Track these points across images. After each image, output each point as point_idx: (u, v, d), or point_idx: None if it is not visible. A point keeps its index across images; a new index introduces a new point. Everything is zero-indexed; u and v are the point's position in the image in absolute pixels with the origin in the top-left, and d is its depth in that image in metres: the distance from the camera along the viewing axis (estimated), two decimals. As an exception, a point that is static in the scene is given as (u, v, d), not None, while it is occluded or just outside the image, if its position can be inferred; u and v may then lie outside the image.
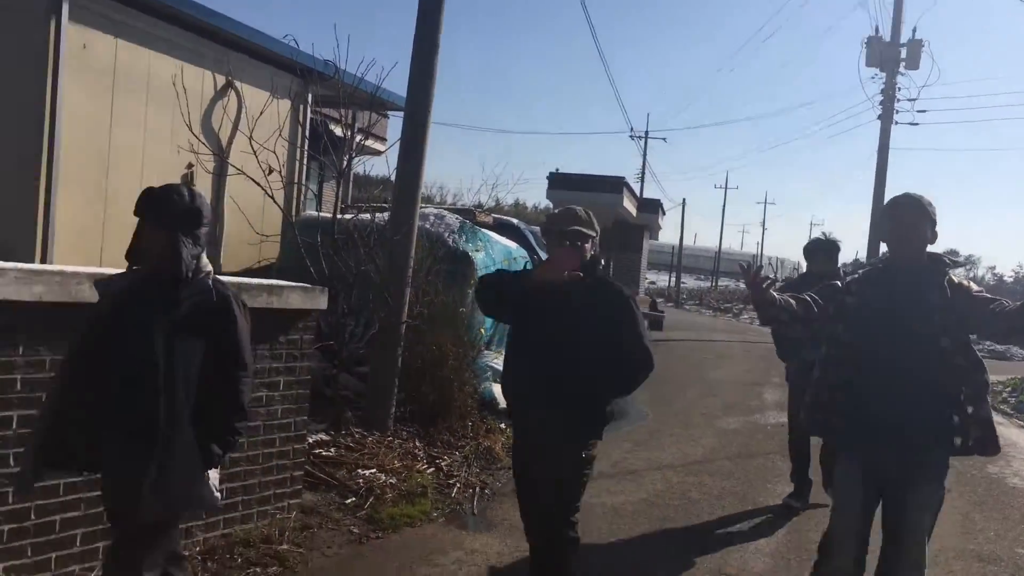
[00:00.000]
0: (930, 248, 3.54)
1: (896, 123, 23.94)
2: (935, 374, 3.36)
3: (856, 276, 3.68)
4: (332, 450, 6.15)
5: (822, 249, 6.33)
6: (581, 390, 3.52)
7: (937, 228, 3.51)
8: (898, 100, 24.15)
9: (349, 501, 5.43)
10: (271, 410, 4.81)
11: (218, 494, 3.12)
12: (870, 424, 3.43)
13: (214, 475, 3.06)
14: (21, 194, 6.06)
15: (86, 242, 6.63)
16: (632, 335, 3.58)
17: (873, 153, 23.51)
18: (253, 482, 4.71)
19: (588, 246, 3.67)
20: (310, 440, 5.13)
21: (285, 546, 4.61)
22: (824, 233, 6.97)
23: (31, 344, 3.58)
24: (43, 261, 6.04)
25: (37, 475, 2.98)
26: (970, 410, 3.39)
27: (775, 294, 3.50)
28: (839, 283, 3.64)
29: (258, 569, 4.33)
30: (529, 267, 11.96)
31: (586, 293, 3.54)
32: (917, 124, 29.08)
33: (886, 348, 3.40)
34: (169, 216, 2.99)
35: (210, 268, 3.10)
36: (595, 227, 3.74)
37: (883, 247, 4.19)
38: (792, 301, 3.57)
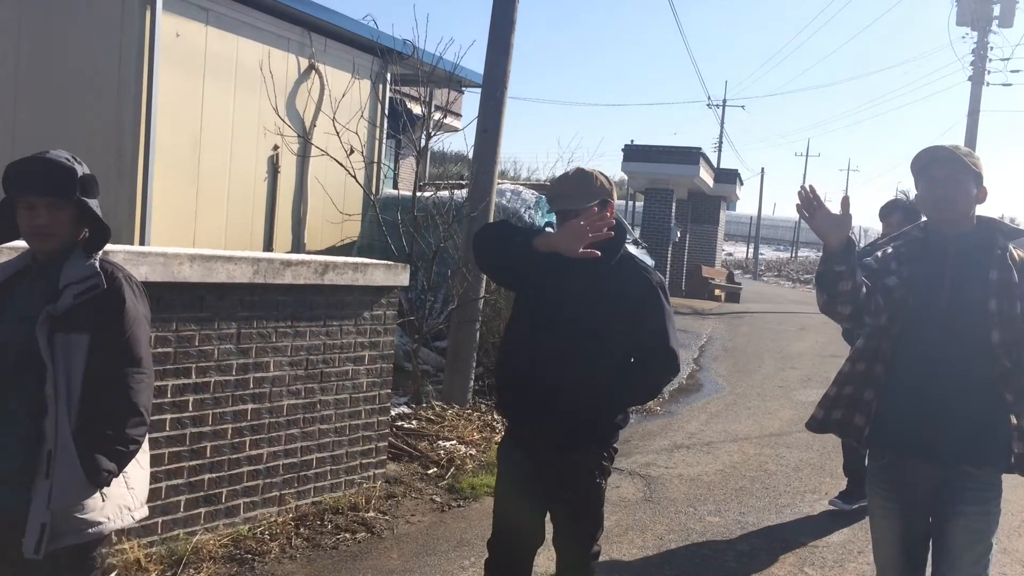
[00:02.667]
0: (979, 210, 2.86)
1: (987, 84, 23.07)
2: (984, 373, 2.72)
3: (890, 251, 2.90)
4: (414, 422, 6.38)
5: (900, 209, 5.48)
6: (591, 387, 2.88)
7: (985, 184, 2.80)
8: (990, 60, 23.24)
9: (431, 471, 5.64)
10: (357, 383, 5.02)
11: (141, 511, 2.64)
12: (903, 433, 2.80)
13: (140, 482, 2.61)
14: (121, 178, 6.39)
15: (180, 223, 6.95)
16: (657, 330, 2.93)
17: (963, 117, 22.70)
18: (340, 452, 4.94)
19: (609, 211, 2.94)
20: (393, 413, 5.33)
21: (372, 513, 4.83)
22: (903, 193, 6.18)
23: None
24: (141, 242, 6.37)
25: None
26: (1014, 421, 2.75)
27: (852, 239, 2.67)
28: (872, 259, 2.87)
29: (347, 535, 4.55)
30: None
31: (607, 275, 2.92)
32: (1010, 85, 27.91)
33: (928, 339, 2.74)
34: (73, 186, 2.44)
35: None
36: (602, 190, 2.98)
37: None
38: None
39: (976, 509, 2.74)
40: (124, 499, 2.55)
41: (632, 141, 21.83)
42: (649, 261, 16.29)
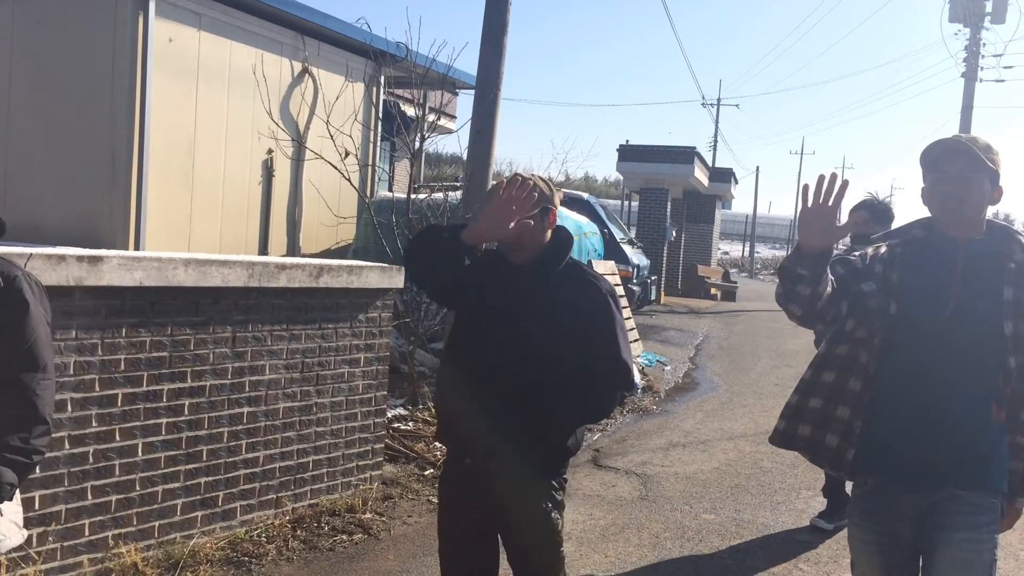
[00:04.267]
0: (993, 212, 2.56)
1: (980, 80, 23.15)
2: (986, 396, 2.42)
3: (883, 250, 2.55)
4: (410, 424, 6.39)
5: (866, 207, 5.15)
6: (537, 409, 2.63)
7: (1002, 182, 2.47)
8: (983, 56, 23.32)
9: (427, 472, 5.65)
10: (352, 386, 5.04)
11: (20, 534, 2.43)
12: (895, 460, 2.46)
13: (10, 510, 2.37)
14: (115, 183, 6.40)
15: (175, 228, 6.96)
16: (607, 342, 2.67)
17: (956, 113, 22.77)
18: (337, 454, 4.95)
19: (551, 218, 2.74)
20: (389, 415, 5.35)
21: (368, 515, 4.85)
22: (871, 193, 5.82)
23: (133, 326, 3.84)
24: (136, 248, 6.38)
25: None
26: (1008, 437, 2.49)
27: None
28: (856, 257, 2.57)
29: (344, 537, 4.57)
30: (598, 243, 12.05)
31: (551, 285, 2.70)
32: (1003, 81, 27.96)
33: (924, 357, 2.41)
34: None
35: None
36: (542, 197, 2.70)
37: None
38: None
39: (966, 536, 2.40)
40: (17, 515, 2.40)
41: (627, 141, 21.89)
42: (645, 261, 16.32)
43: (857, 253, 2.61)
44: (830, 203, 2.28)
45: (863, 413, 2.50)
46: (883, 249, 2.55)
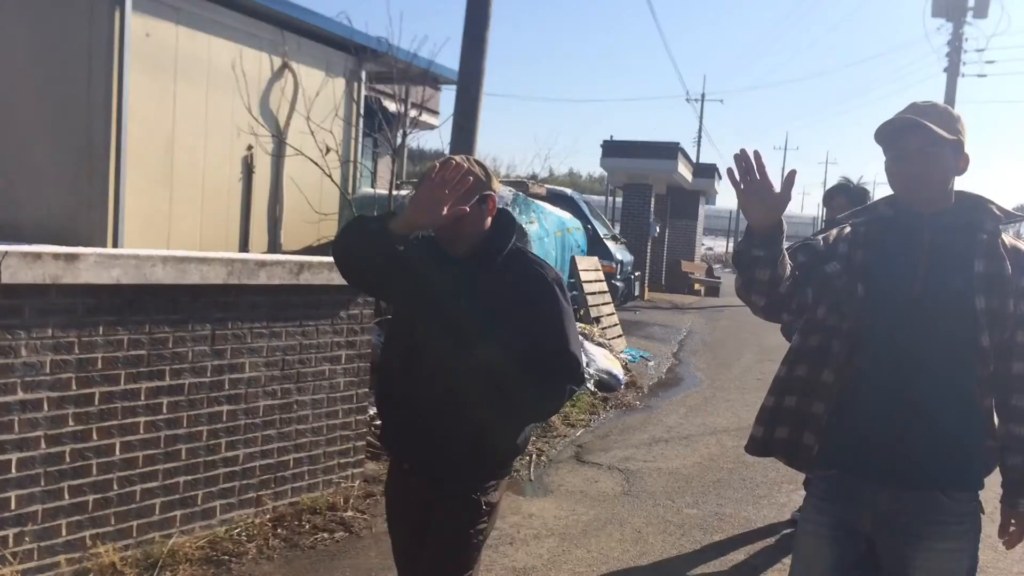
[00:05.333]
0: (960, 183, 2.35)
1: (963, 75, 23.37)
2: (963, 379, 2.25)
3: (847, 230, 2.41)
4: (393, 420, 6.37)
5: (843, 192, 5.07)
6: (478, 409, 2.46)
7: (967, 150, 2.30)
8: (965, 51, 23.52)
9: (410, 469, 5.63)
10: (334, 383, 5.01)
11: None
12: (861, 451, 2.28)
13: None
14: (92, 180, 6.32)
15: (153, 225, 6.89)
16: (553, 334, 2.50)
17: (937, 110, 22.87)
18: (318, 452, 4.93)
19: (490, 205, 2.55)
20: (371, 412, 5.32)
21: (350, 513, 4.82)
22: (846, 178, 5.75)
23: (111, 324, 3.80)
24: (114, 245, 6.31)
25: None
26: (1000, 427, 2.34)
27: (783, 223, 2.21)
28: (820, 240, 2.42)
29: (325, 535, 4.55)
30: (581, 239, 12.05)
31: (492, 274, 2.52)
32: (985, 76, 28.15)
33: (893, 339, 2.25)
34: None
35: None
36: (479, 184, 2.50)
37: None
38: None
39: (948, 545, 2.24)
40: None
41: (611, 137, 21.93)
42: (629, 257, 16.35)
43: (820, 235, 2.48)
44: (759, 177, 2.15)
45: (835, 404, 2.33)
46: (847, 229, 2.41)
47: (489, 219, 2.56)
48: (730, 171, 2.19)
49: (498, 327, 2.45)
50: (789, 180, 2.19)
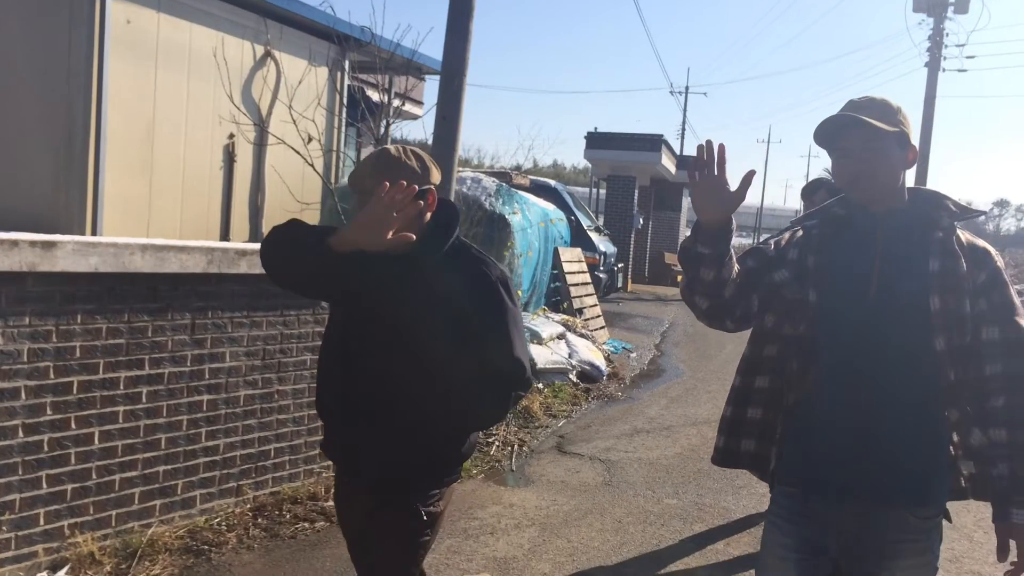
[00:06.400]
0: (911, 178, 2.29)
1: (943, 70, 23.53)
2: (922, 388, 2.12)
3: (799, 234, 2.31)
4: (375, 410, 6.36)
5: (824, 187, 4.96)
6: (419, 416, 2.34)
7: (913, 141, 2.22)
8: (946, 46, 23.68)
9: (392, 459, 5.63)
10: (315, 373, 4.98)
11: None
12: (818, 468, 2.17)
13: None
14: (71, 168, 6.28)
15: (134, 214, 6.85)
16: (497, 338, 2.35)
17: (919, 102, 23.06)
18: (299, 442, 4.91)
19: (428, 201, 2.37)
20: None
21: (331, 502, 4.80)
22: (828, 171, 5.63)
23: (89, 312, 3.77)
24: (93, 233, 6.26)
25: None
26: (964, 438, 2.20)
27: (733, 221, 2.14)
28: (771, 244, 2.33)
29: (306, 524, 4.54)
30: (565, 231, 12.05)
31: (432, 273, 2.35)
32: (966, 71, 28.38)
33: (848, 347, 2.15)
34: None
35: None
36: (415, 177, 2.31)
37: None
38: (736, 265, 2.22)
39: (912, 562, 2.16)
40: None
41: (596, 128, 21.92)
42: (612, 248, 16.38)
43: (772, 240, 2.40)
44: (716, 172, 2.07)
45: (791, 418, 2.23)
46: (799, 233, 2.31)
47: (429, 214, 2.39)
48: (691, 165, 2.14)
49: (438, 331, 2.32)
50: (746, 180, 2.10)
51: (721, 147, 2.08)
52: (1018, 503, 2.01)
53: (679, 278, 19.36)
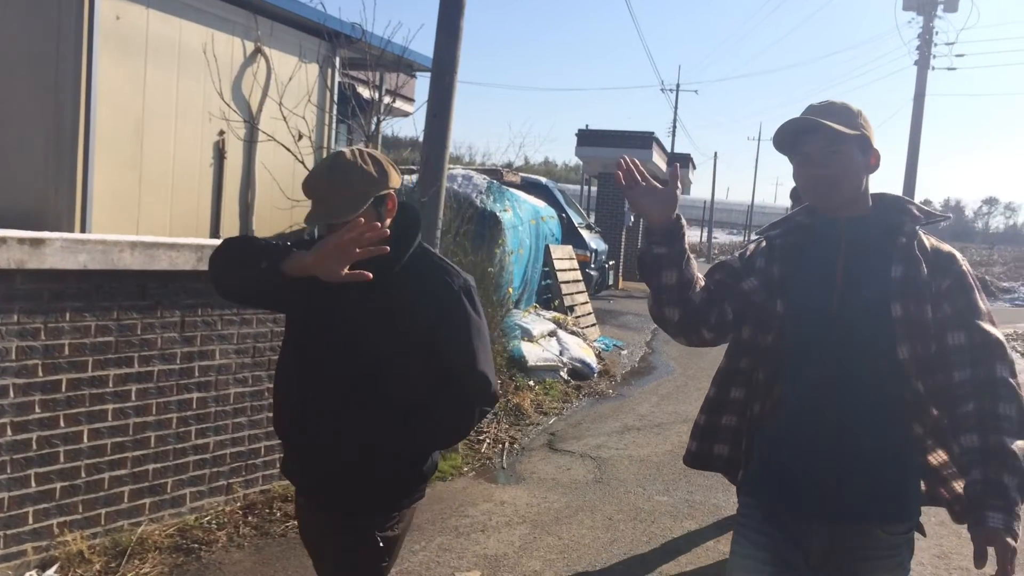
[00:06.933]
0: (874, 182, 2.20)
1: (933, 68, 23.61)
2: (888, 399, 2.07)
3: (763, 244, 2.28)
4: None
5: None
6: (378, 435, 2.21)
7: (876, 145, 2.15)
8: (935, 44, 23.77)
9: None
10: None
11: None
12: (783, 484, 2.12)
13: None
14: (60, 165, 6.24)
15: (123, 211, 6.81)
16: (459, 351, 2.24)
17: (909, 100, 23.16)
18: (290, 439, 4.90)
19: (388, 205, 2.25)
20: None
21: (322, 500, 4.81)
22: None
23: (78, 310, 3.76)
24: (82, 230, 6.23)
25: None
26: (931, 454, 2.13)
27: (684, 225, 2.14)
28: (736, 257, 2.30)
29: (296, 522, 4.52)
30: (556, 228, 12.05)
31: (391, 284, 2.21)
32: (955, 69, 28.46)
33: (813, 358, 2.09)
34: None
35: None
36: (371, 182, 2.19)
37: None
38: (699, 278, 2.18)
39: None
40: None
41: (587, 126, 21.94)
42: (603, 246, 16.38)
43: (736, 253, 2.37)
44: (644, 183, 2.11)
45: (759, 430, 2.19)
46: (764, 243, 2.28)
47: (388, 220, 2.25)
48: (616, 177, 2.17)
49: (397, 344, 2.21)
50: (673, 176, 2.09)
51: (632, 160, 2.14)
52: (993, 507, 1.90)
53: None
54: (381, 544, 2.27)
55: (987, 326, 2.05)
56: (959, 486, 2.09)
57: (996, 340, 2.03)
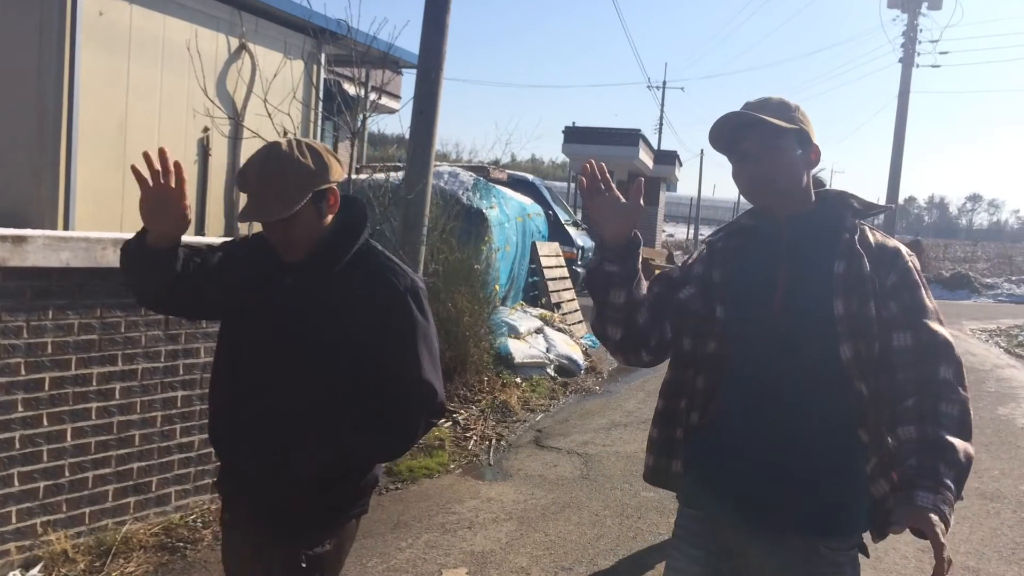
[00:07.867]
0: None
1: (917, 66, 23.78)
2: (831, 403, 1.96)
3: (704, 251, 2.20)
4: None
5: None
6: (313, 447, 2.05)
7: (816, 140, 2.07)
8: (920, 42, 23.92)
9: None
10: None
11: None
12: (723, 493, 2.03)
13: None
14: (42, 162, 6.19)
15: (106, 208, 6.77)
16: (404, 357, 2.08)
17: (893, 98, 23.28)
18: (276, 437, 4.89)
19: (330, 200, 2.09)
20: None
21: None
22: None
23: (61, 308, 3.73)
24: (65, 227, 6.19)
25: None
26: (891, 439, 1.96)
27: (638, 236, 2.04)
28: (679, 267, 2.21)
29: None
30: (542, 225, 12.05)
31: (330, 284, 2.08)
32: (939, 66, 28.59)
33: (754, 362, 2.01)
34: None
35: None
36: (310, 177, 2.03)
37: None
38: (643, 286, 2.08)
39: None
40: None
41: (573, 123, 21.96)
42: (590, 243, 16.38)
43: (680, 262, 2.29)
44: (607, 193, 2.00)
45: (699, 439, 2.09)
46: (704, 249, 2.20)
47: (330, 216, 2.10)
48: (579, 182, 2.07)
49: (337, 349, 2.06)
50: (636, 189, 2.00)
51: (601, 166, 2.05)
52: (924, 487, 1.80)
53: (656, 272, 19.65)
54: (304, 565, 2.09)
55: (935, 325, 1.96)
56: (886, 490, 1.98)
57: (943, 341, 1.95)
